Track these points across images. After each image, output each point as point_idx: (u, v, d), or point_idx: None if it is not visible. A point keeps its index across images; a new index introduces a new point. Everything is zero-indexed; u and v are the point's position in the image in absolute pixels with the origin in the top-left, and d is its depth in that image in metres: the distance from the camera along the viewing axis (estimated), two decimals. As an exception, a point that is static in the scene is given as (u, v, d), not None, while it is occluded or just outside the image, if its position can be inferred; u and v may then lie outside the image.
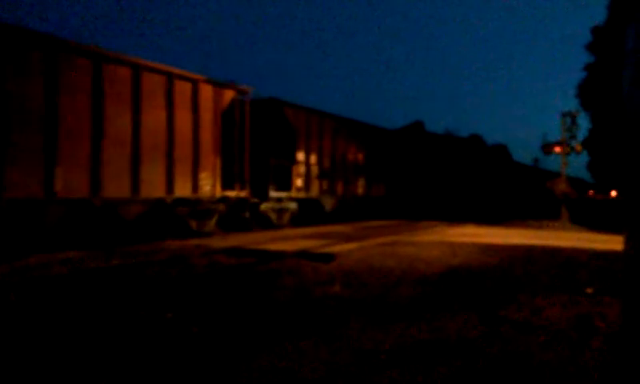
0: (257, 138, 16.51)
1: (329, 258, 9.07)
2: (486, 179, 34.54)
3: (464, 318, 5.60)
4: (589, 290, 7.06)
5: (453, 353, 4.41)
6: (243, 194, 15.38)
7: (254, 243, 11.39)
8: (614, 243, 11.18)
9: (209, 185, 13.96)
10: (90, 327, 5.13)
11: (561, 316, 5.70)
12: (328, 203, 19.67)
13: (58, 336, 4.83)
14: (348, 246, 10.63)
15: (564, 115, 24.92)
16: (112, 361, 4.19)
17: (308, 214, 18.97)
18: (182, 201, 13.18)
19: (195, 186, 13.56)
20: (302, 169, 18.26)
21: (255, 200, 16.23)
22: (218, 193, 14.39)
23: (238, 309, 5.93)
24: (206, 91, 14.07)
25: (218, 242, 11.73)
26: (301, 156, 18.26)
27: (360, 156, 21.66)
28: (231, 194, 14.94)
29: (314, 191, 18.95)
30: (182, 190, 13.18)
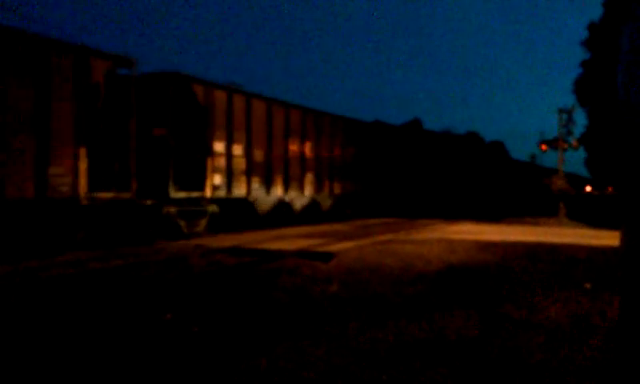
0: (152, 123, 12.94)
1: (327, 257, 9.08)
2: (484, 176, 34.56)
3: (463, 315, 5.61)
4: (587, 286, 7.09)
5: (452, 351, 4.42)
6: (126, 195, 11.54)
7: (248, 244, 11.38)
8: (611, 239, 11.22)
9: (66, 185, 10.24)
10: (90, 328, 5.13)
11: (560, 313, 5.72)
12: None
13: (61, 338, 4.83)
14: (346, 245, 10.64)
15: (560, 112, 25.00)
16: (113, 361, 4.19)
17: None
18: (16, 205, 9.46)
19: (42, 185, 9.78)
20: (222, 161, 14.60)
21: (149, 202, 12.47)
22: (84, 194, 10.56)
23: (238, 309, 5.94)
24: (63, 59, 10.29)
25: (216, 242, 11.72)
26: (219, 146, 14.58)
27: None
28: (106, 195, 11.10)
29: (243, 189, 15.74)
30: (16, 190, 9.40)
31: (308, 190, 18.49)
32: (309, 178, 18.49)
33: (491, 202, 32.17)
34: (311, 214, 18.57)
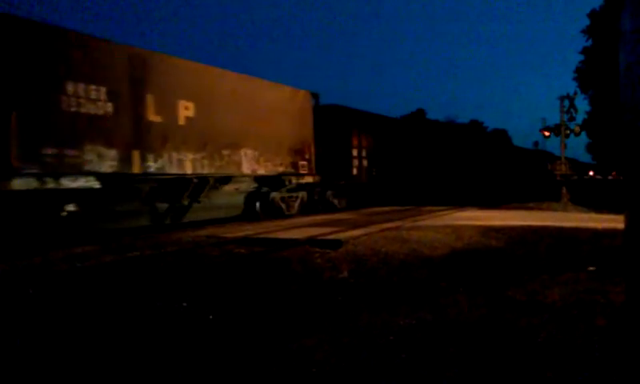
0: None
1: (337, 244, 9.27)
2: (487, 164, 34.69)
3: (469, 299, 5.79)
4: (591, 269, 7.25)
5: (460, 333, 4.59)
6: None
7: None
8: (614, 222, 11.37)
9: None
10: (108, 318, 5.34)
11: (564, 295, 5.88)
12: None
13: (82, 327, 5.04)
14: (354, 233, 10.82)
15: (562, 98, 25.03)
16: (132, 348, 4.40)
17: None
18: None
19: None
20: None
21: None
22: None
23: (250, 297, 6.13)
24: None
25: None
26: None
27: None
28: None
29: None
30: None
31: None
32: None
33: (495, 189, 32.32)
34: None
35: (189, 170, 12.92)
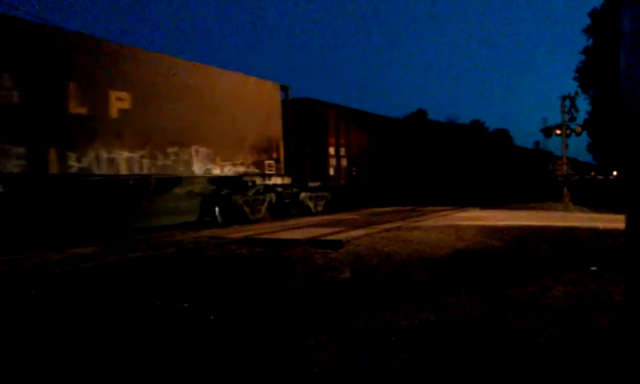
0: None
1: (338, 244, 9.27)
2: (489, 164, 34.70)
3: (471, 299, 5.78)
4: (593, 269, 7.25)
5: (462, 334, 4.59)
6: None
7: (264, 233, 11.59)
8: (615, 222, 11.36)
9: None
10: (108, 318, 5.34)
11: (566, 295, 5.88)
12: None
13: (83, 328, 5.04)
14: (356, 233, 10.82)
15: (563, 98, 25.05)
16: (132, 348, 4.40)
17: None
18: None
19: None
20: None
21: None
22: None
23: (252, 298, 6.13)
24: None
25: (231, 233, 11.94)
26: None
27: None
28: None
29: None
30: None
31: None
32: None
33: (497, 189, 32.32)
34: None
35: (123, 171, 11.31)
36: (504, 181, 36.22)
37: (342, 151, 19.83)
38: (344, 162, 19.90)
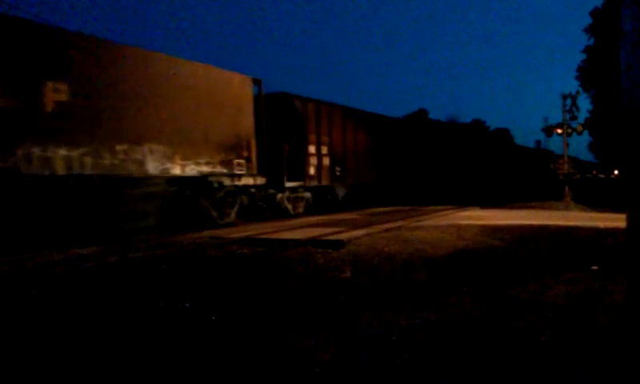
0: None
1: (339, 244, 9.27)
2: (490, 163, 34.69)
3: (472, 298, 5.78)
4: (594, 268, 7.25)
5: (463, 333, 4.59)
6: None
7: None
8: (617, 221, 11.35)
9: None
10: (109, 318, 5.35)
11: (568, 294, 5.88)
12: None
13: (84, 328, 5.05)
14: (357, 233, 10.82)
15: (564, 97, 25.04)
16: (135, 349, 4.41)
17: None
18: None
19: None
20: None
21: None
22: None
23: (253, 298, 6.13)
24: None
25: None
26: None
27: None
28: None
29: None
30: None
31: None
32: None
33: (498, 188, 32.31)
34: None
35: (61, 170, 10.01)
36: (505, 180, 36.21)
37: (324, 149, 18.52)
38: (326, 161, 18.61)
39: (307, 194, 17.91)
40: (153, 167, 11.86)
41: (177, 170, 12.46)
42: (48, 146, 9.85)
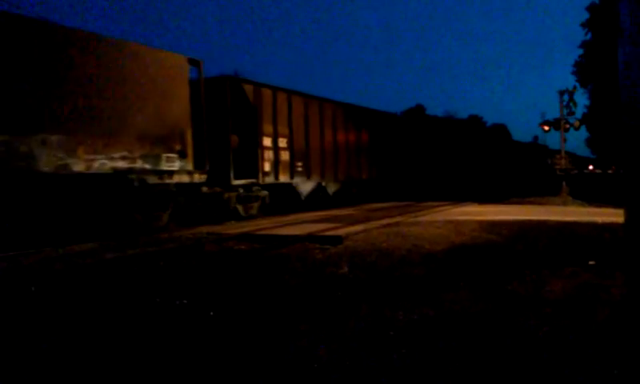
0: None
1: (336, 240, 9.28)
2: (487, 159, 34.70)
3: (470, 293, 5.78)
4: (592, 263, 7.26)
5: (462, 328, 4.60)
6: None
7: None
8: (614, 216, 11.37)
9: None
10: (107, 314, 5.34)
11: (565, 289, 5.89)
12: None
13: (82, 324, 5.04)
14: (354, 228, 10.83)
15: (562, 93, 25.04)
16: (133, 345, 4.41)
17: None
18: None
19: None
20: None
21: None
22: None
23: (251, 294, 6.13)
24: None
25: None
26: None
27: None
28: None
29: None
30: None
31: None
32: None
33: (495, 184, 32.33)
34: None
35: None
36: (502, 175, 36.23)
37: (283, 142, 16.52)
38: (285, 156, 16.61)
39: (264, 193, 15.98)
40: (45, 163, 9.70)
41: (80, 166, 10.25)
42: None
